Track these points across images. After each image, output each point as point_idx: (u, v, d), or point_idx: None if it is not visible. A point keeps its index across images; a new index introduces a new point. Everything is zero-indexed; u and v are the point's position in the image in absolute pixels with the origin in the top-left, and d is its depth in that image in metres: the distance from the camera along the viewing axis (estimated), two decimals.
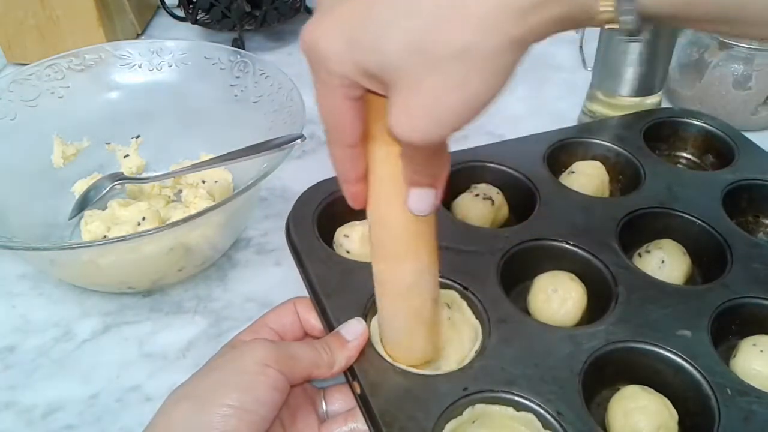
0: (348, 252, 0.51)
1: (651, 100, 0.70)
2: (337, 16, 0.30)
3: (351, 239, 0.52)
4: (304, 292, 0.49)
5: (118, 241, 0.49)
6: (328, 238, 0.52)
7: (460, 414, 0.40)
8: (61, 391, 0.50)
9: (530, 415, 0.40)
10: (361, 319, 0.44)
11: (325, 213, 0.54)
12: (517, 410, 0.41)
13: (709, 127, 0.65)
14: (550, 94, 0.84)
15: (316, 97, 0.33)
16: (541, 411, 0.40)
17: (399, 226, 0.37)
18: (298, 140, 0.55)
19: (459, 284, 0.48)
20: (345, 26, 0.30)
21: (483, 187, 0.57)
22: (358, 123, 0.33)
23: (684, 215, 0.55)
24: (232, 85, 0.65)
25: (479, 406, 0.41)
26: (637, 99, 0.69)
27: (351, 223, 0.53)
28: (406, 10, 0.28)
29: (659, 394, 0.43)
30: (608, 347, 0.44)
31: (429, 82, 0.28)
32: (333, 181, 0.55)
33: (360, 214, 0.54)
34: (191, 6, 0.90)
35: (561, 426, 0.39)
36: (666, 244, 0.53)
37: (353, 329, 0.43)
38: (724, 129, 0.64)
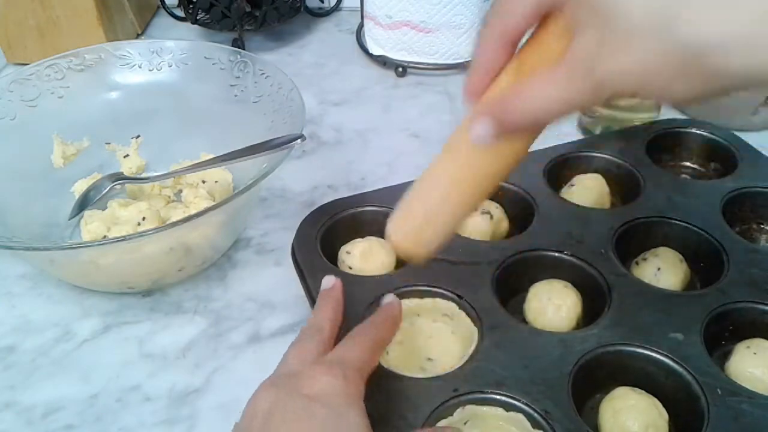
0: (350, 268, 0.52)
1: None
2: None
3: (352, 255, 0.53)
4: (303, 292, 0.49)
5: (118, 241, 0.49)
6: (332, 258, 0.53)
7: (451, 414, 0.41)
8: (61, 391, 0.50)
9: (520, 416, 0.41)
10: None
11: (328, 233, 0.55)
12: (507, 411, 0.41)
13: (712, 136, 0.65)
14: None
15: None
16: (530, 411, 0.41)
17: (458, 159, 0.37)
18: (298, 140, 0.55)
19: (455, 294, 0.48)
20: None
21: None
22: (521, 17, 0.34)
23: (681, 223, 0.55)
24: (232, 85, 0.65)
25: (469, 407, 0.41)
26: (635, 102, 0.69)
27: (353, 241, 0.54)
28: None
29: (648, 394, 0.43)
30: (599, 350, 0.44)
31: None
32: (335, 203, 0.57)
33: (360, 233, 0.55)
34: (191, 6, 0.90)
35: (549, 425, 0.40)
36: (662, 252, 0.53)
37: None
38: (727, 137, 0.64)
